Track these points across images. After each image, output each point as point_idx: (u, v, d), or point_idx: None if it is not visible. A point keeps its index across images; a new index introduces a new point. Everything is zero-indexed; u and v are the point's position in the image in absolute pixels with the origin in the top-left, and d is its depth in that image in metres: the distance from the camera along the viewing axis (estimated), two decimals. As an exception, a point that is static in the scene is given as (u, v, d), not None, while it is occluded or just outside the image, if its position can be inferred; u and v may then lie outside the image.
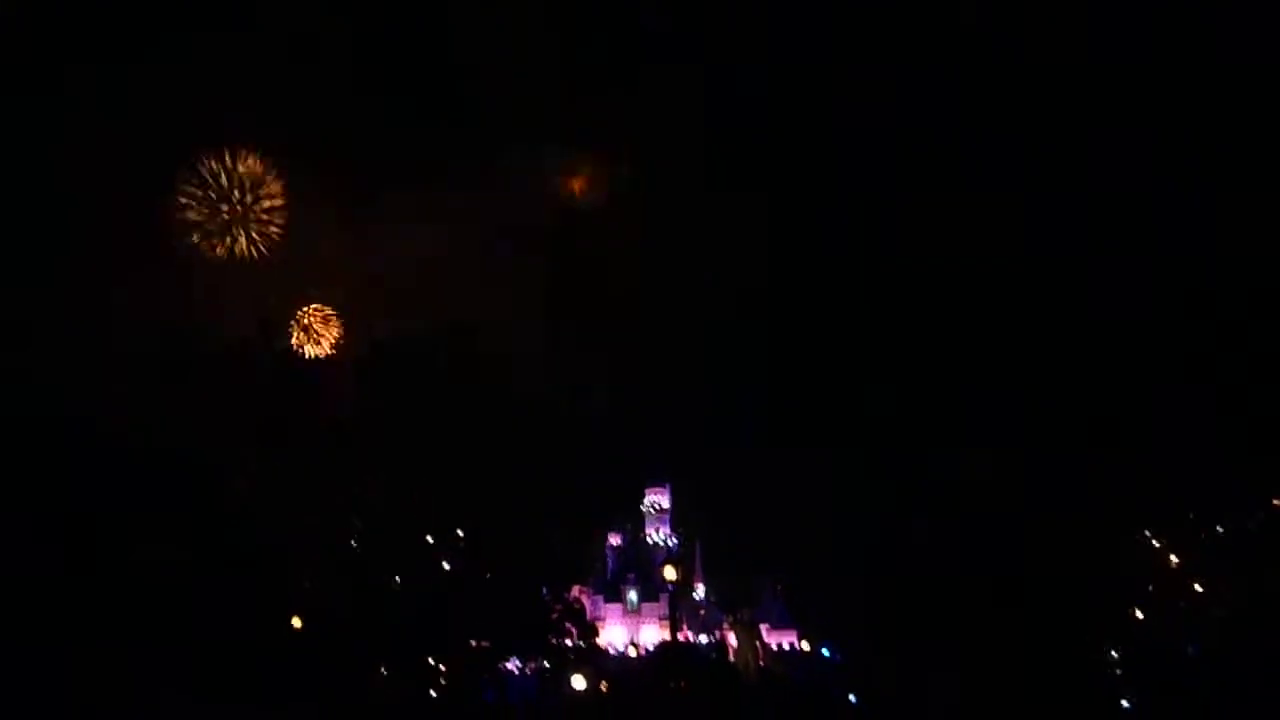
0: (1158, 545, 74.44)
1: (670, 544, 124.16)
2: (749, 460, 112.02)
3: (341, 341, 58.03)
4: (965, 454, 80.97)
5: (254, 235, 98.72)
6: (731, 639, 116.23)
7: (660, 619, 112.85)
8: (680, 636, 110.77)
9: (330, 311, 63.37)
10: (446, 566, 60.64)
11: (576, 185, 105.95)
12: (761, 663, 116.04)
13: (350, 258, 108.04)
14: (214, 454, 50.78)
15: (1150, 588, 73.62)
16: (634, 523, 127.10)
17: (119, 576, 43.50)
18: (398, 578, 59.70)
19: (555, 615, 73.11)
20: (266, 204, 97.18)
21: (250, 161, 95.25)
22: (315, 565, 54.21)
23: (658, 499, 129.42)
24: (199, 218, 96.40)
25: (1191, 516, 72.89)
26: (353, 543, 56.96)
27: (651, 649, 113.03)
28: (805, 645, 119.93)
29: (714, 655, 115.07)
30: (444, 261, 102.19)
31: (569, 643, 70.48)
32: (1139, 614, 72.35)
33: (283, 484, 53.54)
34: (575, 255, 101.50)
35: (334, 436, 54.54)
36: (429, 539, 60.47)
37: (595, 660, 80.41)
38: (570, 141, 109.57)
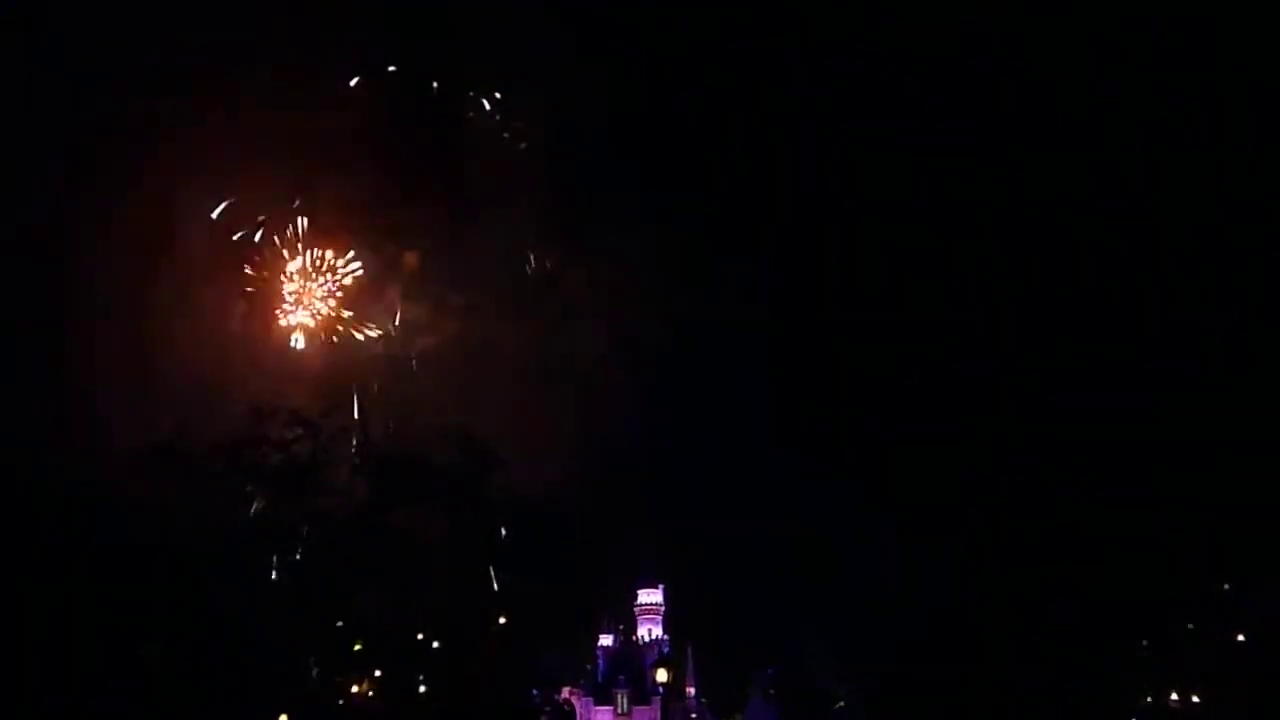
0: (1155, 655, 73.79)
1: (662, 645, 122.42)
2: (743, 560, 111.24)
3: (336, 438, 57.95)
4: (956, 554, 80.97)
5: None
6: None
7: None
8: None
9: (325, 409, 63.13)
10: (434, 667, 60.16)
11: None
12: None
13: (344, 355, 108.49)
14: (208, 551, 50.61)
15: (1149, 699, 72.96)
16: (626, 623, 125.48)
17: (112, 672, 43.22)
18: (385, 678, 59.18)
19: (544, 718, 72.21)
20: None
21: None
22: (305, 666, 53.73)
23: (650, 598, 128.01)
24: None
25: (1190, 627, 72.40)
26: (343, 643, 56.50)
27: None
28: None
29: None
30: (438, 362, 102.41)
31: (559, 746, 69.56)
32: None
33: (274, 584, 53.37)
34: (564, 353, 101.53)
35: (327, 536, 54.36)
36: (419, 637, 60.10)
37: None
38: (561, 238, 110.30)
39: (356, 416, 73.65)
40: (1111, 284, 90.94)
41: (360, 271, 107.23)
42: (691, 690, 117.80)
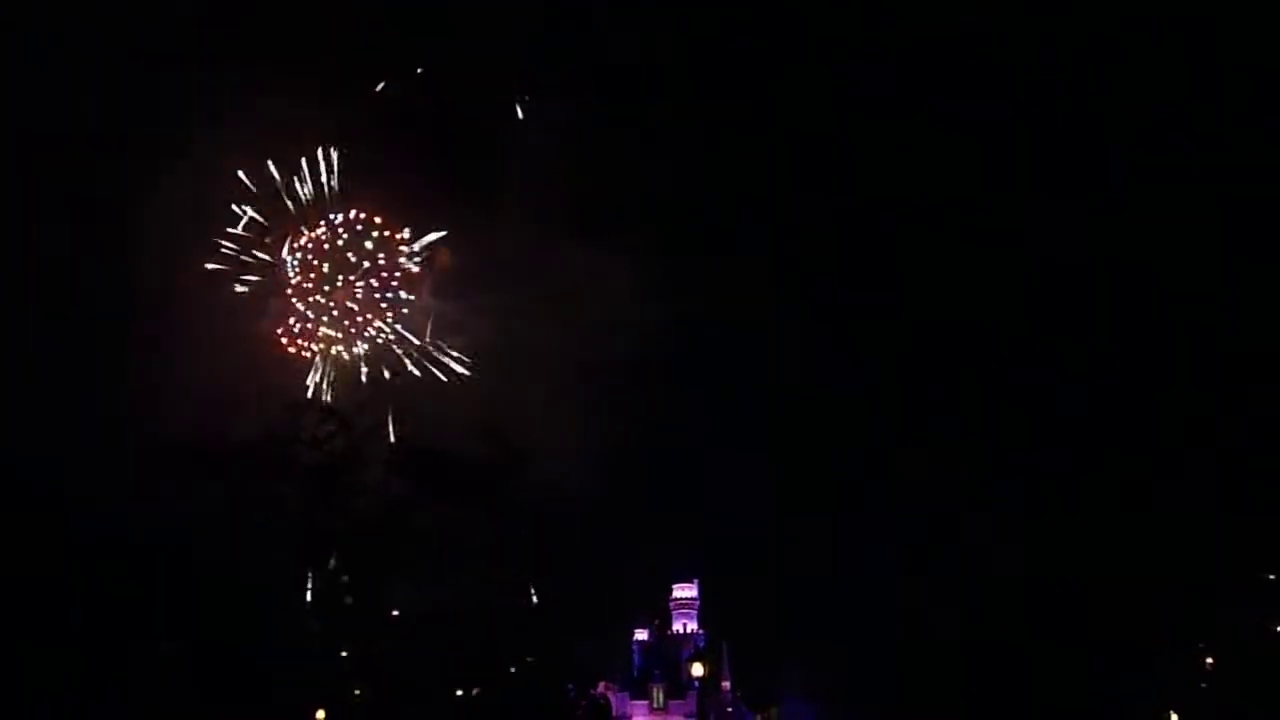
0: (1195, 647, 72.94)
1: (698, 640, 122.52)
2: (778, 555, 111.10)
3: (368, 435, 58.31)
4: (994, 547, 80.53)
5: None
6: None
7: (687, 717, 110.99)
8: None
9: (357, 405, 63.58)
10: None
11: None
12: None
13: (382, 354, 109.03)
14: (243, 549, 51.10)
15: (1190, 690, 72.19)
16: (661, 618, 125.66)
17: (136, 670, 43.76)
18: (419, 674, 59.60)
19: (580, 713, 72.47)
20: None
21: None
22: (340, 663, 54.18)
23: (685, 593, 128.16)
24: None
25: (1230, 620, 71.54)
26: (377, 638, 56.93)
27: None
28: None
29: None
30: (476, 360, 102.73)
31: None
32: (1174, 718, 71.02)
33: (309, 581, 53.88)
34: (597, 351, 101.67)
35: (360, 533, 54.69)
36: (454, 634, 60.40)
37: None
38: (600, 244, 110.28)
39: (390, 414, 74.29)
40: (1118, 280, 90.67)
41: (425, 253, 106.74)
42: (727, 684, 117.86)
